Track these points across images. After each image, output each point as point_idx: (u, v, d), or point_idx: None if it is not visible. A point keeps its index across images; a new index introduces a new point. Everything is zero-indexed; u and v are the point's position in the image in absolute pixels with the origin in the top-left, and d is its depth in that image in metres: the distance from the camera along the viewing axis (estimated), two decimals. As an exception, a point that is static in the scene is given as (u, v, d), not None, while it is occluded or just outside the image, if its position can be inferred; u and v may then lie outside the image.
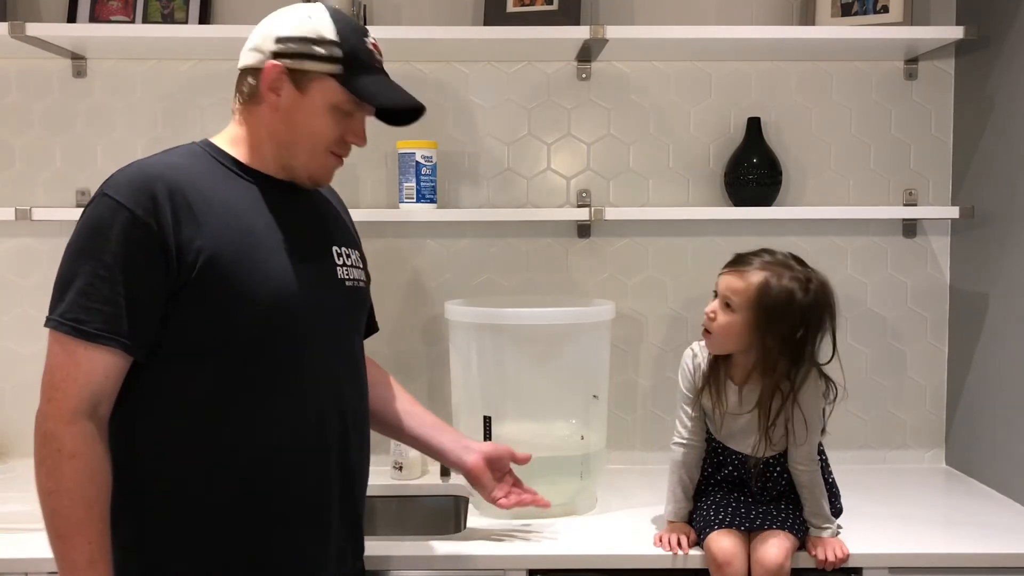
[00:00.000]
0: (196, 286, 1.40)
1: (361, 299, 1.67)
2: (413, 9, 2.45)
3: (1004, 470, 2.26)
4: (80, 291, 1.37)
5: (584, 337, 2.16)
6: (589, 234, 2.50)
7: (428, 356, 2.51)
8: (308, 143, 1.52)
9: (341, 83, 1.49)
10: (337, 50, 1.48)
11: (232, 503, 1.45)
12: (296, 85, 1.49)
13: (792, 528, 1.88)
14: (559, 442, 2.15)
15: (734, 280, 1.85)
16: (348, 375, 1.59)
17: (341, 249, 1.62)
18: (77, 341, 1.37)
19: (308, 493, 1.51)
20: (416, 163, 2.34)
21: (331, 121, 1.52)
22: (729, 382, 1.93)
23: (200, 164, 1.50)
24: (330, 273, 1.58)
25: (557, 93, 2.48)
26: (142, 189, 1.39)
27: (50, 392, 1.38)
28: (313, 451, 1.51)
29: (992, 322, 2.32)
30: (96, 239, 1.38)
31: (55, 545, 1.38)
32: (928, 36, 2.27)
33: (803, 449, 1.90)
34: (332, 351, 1.55)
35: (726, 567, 1.81)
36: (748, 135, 2.42)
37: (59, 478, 1.37)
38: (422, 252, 2.50)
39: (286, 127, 1.52)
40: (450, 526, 2.27)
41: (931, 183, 2.50)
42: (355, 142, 1.57)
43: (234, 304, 1.42)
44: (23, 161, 2.46)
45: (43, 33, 2.19)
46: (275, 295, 1.46)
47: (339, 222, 1.69)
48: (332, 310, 1.56)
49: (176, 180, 1.42)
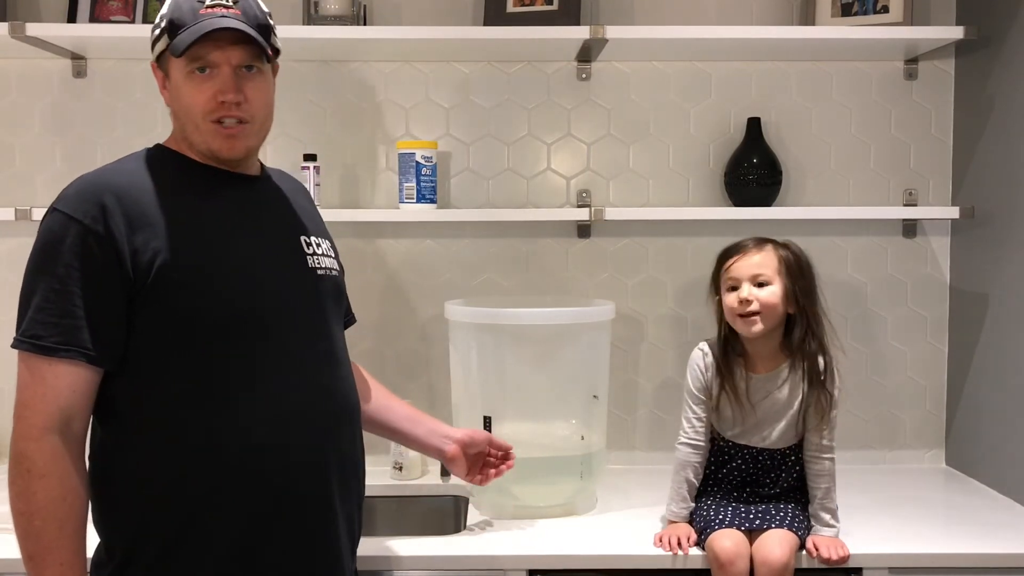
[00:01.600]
0: (156, 290, 1.39)
1: (336, 288, 1.63)
2: (413, 9, 2.44)
3: (1004, 470, 2.26)
4: (37, 307, 1.37)
5: (584, 337, 2.16)
6: (589, 234, 2.50)
7: (428, 356, 2.51)
8: (190, 119, 1.48)
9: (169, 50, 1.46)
10: (164, 21, 1.47)
11: (219, 504, 1.42)
12: (165, 74, 1.50)
13: (794, 527, 1.88)
14: (559, 442, 2.15)
15: (752, 258, 1.93)
16: (330, 366, 1.55)
17: (310, 239, 1.59)
18: (39, 357, 1.36)
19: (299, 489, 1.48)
20: (416, 163, 2.34)
21: (192, 90, 1.46)
22: (748, 374, 1.97)
23: (150, 168, 1.48)
24: (300, 263, 1.54)
25: (557, 93, 2.48)
26: (91, 199, 1.39)
27: (19, 411, 1.37)
28: (300, 445, 1.47)
29: (992, 322, 2.32)
30: (49, 254, 1.38)
31: (28, 566, 1.36)
32: (928, 36, 2.27)
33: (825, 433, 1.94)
34: (309, 342, 1.52)
35: (728, 567, 1.81)
36: (748, 135, 2.42)
37: (29, 499, 1.35)
38: (422, 252, 2.50)
39: (176, 113, 1.50)
40: (450, 526, 2.27)
41: (931, 183, 2.50)
42: (225, 98, 1.45)
43: (198, 304, 1.41)
44: (23, 161, 2.46)
45: (43, 33, 2.19)
46: (241, 291, 1.44)
47: (306, 212, 1.65)
48: (305, 300, 1.53)
49: (126, 186, 1.42)
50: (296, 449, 1.47)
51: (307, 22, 2.32)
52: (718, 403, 1.98)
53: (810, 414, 1.94)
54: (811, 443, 1.96)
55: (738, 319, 1.93)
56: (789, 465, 1.98)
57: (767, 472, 1.99)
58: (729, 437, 2.00)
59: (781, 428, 1.96)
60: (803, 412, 1.95)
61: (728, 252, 1.98)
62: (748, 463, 1.99)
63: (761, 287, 1.91)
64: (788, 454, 1.98)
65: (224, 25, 1.42)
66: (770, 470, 1.99)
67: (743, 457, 1.99)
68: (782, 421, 1.96)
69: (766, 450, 1.98)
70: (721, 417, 2.00)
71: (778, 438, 1.97)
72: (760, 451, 1.98)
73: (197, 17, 1.44)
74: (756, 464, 1.99)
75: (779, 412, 1.96)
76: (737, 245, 1.97)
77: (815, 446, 1.95)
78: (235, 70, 1.46)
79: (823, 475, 1.94)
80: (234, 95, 1.46)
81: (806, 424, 1.96)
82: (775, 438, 1.97)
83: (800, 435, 1.97)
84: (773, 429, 1.97)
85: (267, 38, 1.50)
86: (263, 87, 1.51)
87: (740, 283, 1.92)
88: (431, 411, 2.47)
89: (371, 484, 2.32)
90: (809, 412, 1.94)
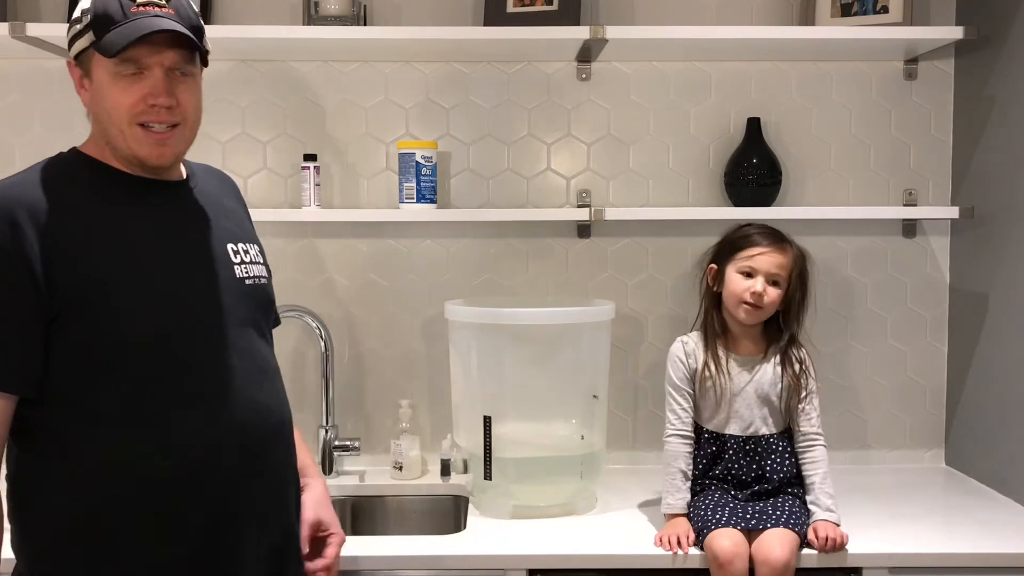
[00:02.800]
0: (74, 311, 1.32)
1: (264, 296, 1.56)
2: (413, 9, 2.44)
3: (1004, 470, 2.26)
4: None
5: (584, 337, 2.16)
6: (589, 234, 2.50)
7: (428, 356, 2.51)
8: (114, 123, 1.39)
9: (97, 49, 1.36)
10: (87, 16, 1.38)
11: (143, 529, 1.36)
12: (85, 72, 1.41)
13: (792, 524, 1.88)
14: (559, 442, 2.15)
15: (779, 257, 2.01)
16: (261, 379, 1.48)
17: (238, 246, 1.51)
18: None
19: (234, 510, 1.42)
20: (416, 163, 2.34)
21: (118, 91, 1.37)
22: (732, 356, 2.03)
23: (67, 177, 1.40)
24: (227, 273, 1.47)
25: (557, 93, 2.48)
26: (1, 216, 1.31)
27: None
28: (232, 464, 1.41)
29: (992, 322, 2.33)
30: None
31: None
32: (928, 36, 2.27)
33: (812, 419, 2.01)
34: (239, 356, 1.44)
35: (727, 566, 1.81)
36: (748, 135, 2.42)
37: None
38: (422, 252, 2.50)
39: (97, 115, 1.42)
40: (450, 526, 2.27)
41: (931, 183, 2.50)
42: (156, 102, 1.38)
43: (119, 326, 1.34)
44: (23, 161, 2.43)
45: (43, 33, 2.19)
46: (158, 308, 1.37)
47: (233, 217, 1.57)
48: (232, 313, 1.45)
49: (37, 200, 1.33)
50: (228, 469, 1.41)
51: (307, 22, 2.32)
52: (702, 385, 2.02)
53: (787, 399, 2.01)
54: (799, 431, 2.01)
55: (741, 304, 2.00)
56: (780, 451, 2.01)
57: (759, 461, 2.00)
58: (714, 428, 2.03)
59: (763, 415, 2.01)
60: (783, 397, 2.01)
61: (750, 240, 2.04)
62: (739, 453, 2.01)
63: (774, 285, 2.00)
64: (776, 441, 2.01)
65: (162, 27, 1.35)
66: (762, 458, 2.00)
67: (732, 448, 2.01)
68: (764, 407, 2.01)
69: (752, 437, 2.01)
70: (705, 402, 2.03)
71: (762, 424, 2.01)
72: (747, 439, 2.01)
73: (128, 15, 1.36)
74: (746, 454, 2.01)
75: (761, 397, 2.01)
76: (762, 234, 2.04)
77: (803, 434, 2.01)
78: (167, 72, 1.39)
79: (817, 461, 1.99)
80: (166, 98, 1.38)
81: (788, 410, 2.01)
82: (759, 424, 2.01)
83: (786, 422, 2.02)
84: (754, 416, 2.01)
85: (200, 39, 1.43)
86: (195, 90, 1.44)
87: (757, 275, 1.99)
88: (431, 411, 2.50)
89: (372, 484, 2.35)
90: (789, 396, 2.01)
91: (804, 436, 2.01)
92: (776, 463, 2.00)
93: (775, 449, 2.01)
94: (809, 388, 2.03)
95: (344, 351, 2.48)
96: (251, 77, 2.43)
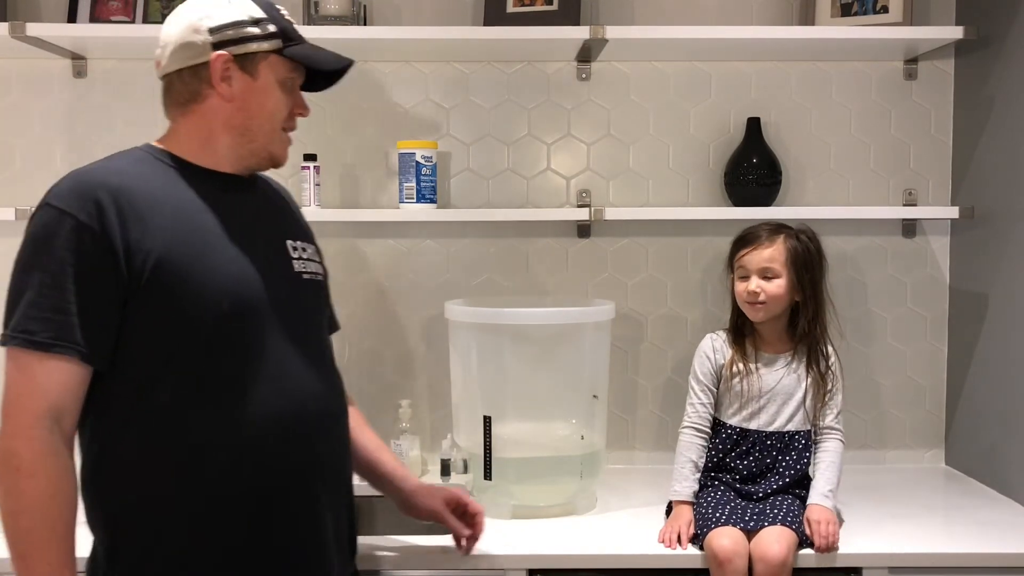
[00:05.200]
0: (148, 290, 1.38)
1: (320, 292, 1.64)
2: (413, 9, 2.45)
3: (1004, 470, 2.26)
4: (29, 303, 1.34)
5: (584, 337, 2.16)
6: (589, 234, 2.50)
7: (428, 356, 2.51)
8: (267, 124, 1.51)
9: (285, 57, 1.50)
10: (271, 26, 1.49)
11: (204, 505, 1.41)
12: (244, 70, 1.48)
13: (790, 522, 1.89)
14: (559, 442, 2.15)
15: (764, 251, 2.02)
16: (312, 369, 1.53)
17: (296, 243, 1.60)
18: (30, 353, 1.34)
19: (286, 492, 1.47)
20: (416, 163, 2.34)
21: (282, 97, 1.52)
22: (760, 354, 2.06)
23: (144, 167, 1.47)
24: (286, 267, 1.55)
25: (557, 93, 2.48)
26: (86, 195, 1.37)
27: (7, 408, 1.35)
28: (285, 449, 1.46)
29: (992, 322, 2.33)
30: (42, 250, 1.36)
31: (16, 564, 1.35)
32: (928, 36, 2.27)
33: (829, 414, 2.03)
34: (293, 346, 1.50)
35: (727, 564, 1.82)
36: (748, 135, 2.42)
37: (19, 497, 1.33)
38: (422, 252, 2.50)
39: (242, 114, 1.49)
40: (450, 526, 2.27)
41: (931, 183, 2.50)
42: (302, 113, 1.57)
43: (189, 305, 1.40)
44: (23, 161, 2.46)
45: (43, 33, 2.19)
46: (229, 293, 1.43)
47: (291, 216, 1.67)
48: (290, 304, 1.52)
49: (120, 184, 1.40)
50: (281, 453, 1.46)
51: (307, 22, 2.32)
52: (729, 383, 2.04)
53: (812, 396, 2.02)
54: (819, 426, 2.04)
55: (746, 305, 2.04)
56: (799, 449, 2.02)
57: (775, 456, 2.02)
58: (737, 423, 2.04)
59: (788, 411, 2.03)
60: (807, 394, 2.03)
61: (742, 241, 2.07)
62: (758, 447, 2.02)
63: (769, 279, 2.00)
64: (797, 438, 2.02)
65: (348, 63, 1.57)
66: (780, 453, 2.02)
67: (751, 442, 2.03)
68: (789, 404, 2.03)
69: (775, 433, 2.03)
70: (731, 397, 2.05)
71: (786, 421, 2.03)
72: (768, 435, 2.03)
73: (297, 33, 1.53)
74: (765, 448, 2.02)
75: (786, 394, 2.03)
76: (751, 235, 2.06)
77: (820, 427, 2.04)
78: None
79: (827, 452, 2.02)
80: (308, 112, 1.58)
81: (812, 407, 2.03)
82: (782, 421, 2.03)
83: (809, 420, 2.04)
84: (780, 412, 2.03)
85: None
86: None
87: (750, 275, 2.01)
88: (431, 411, 2.50)
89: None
90: (811, 394, 2.02)
91: (821, 429, 2.04)
92: (792, 459, 2.02)
93: (795, 446, 2.03)
94: (834, 385, 2.04)
95: (344, 351, 2.48)
96: (251, 77, 2.44)
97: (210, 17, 1.47)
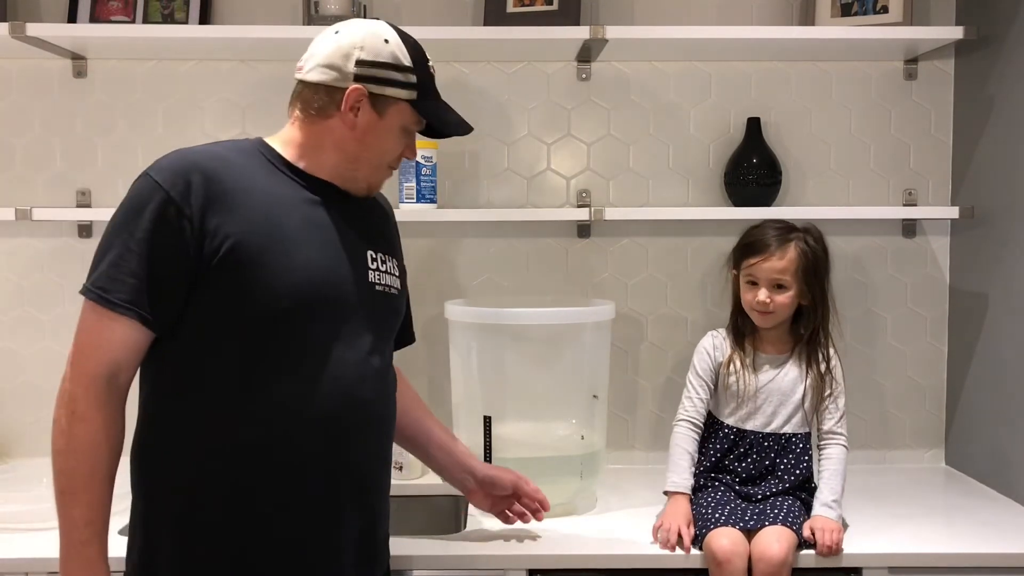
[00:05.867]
0: (219, 271, 1.45)
1: (391, 305, 1.67)
2: (413, 9, 2.44)
3: (1004, 470, 2.26)
4: (111, 263, 1.44)
5: (584, 337, 2.16)
6: (589, 234, 2.50)
7: (428, 356, 2.51)
8: (376, 159, 1.60)
9: (416, 109, 1.58)
10: (412, 76, 1.56)
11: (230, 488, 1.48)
12: (375, 107, 1.55)
13: (790, 523, 1.89)
14: (559, 442, 2.15)
15: (776, 263, 1.99)
16: (368, 377, 1.57)
17: (377, 254, 1.64)
18: (102, 309, 1.43)
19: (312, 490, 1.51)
20: (416, 163, 2.34)
21: (399, 141, 1.60)
22: (758, 354, 2.04)
23: (245, 157, 1.55)
24: (361, 275, 1.59)
25: (557, 93, 2.48)
26: (180, 173, 1.46)
27: (74, 355, 1.45)
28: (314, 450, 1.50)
29: (992, 322, 2.33)
30: (132, 215, 1.45)
31: (58, 500, 1.44)
32: (928, 36, 2.27)
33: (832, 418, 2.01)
34: (350, 351, 1.54)
35: (726, 565, 1.81)
36: (748, 135, 2.42)
37: (69, 438, 1.43)
38: (422, 252, 2.50)
39: (358, 144, 1.57)
40: (450, 526, 2.27)
41: (931, 183, 2.50)
42: (410, 157, 1.65)
43: (251, 294, 1.46)
44: (23, 161, 2.46)
45: (43, 33, 2.19)
46: (293, 290, 1.48)
47: (382, 229, 1.72)
48: (357, 311, 1.56)
49: (215, 169, 1.48)
50: (311, 453, 1.50)
51: (307, 22, 2.32)
52: (725, 380, 2.03)
53: (811, 398, 2.01)
54: (820, 429, 2.03)
55: (754, 312, 2.02)
56: (798, 452, 2.01)
57: (774, 459, 2.01)
58: (734, 423, 2.03)
59: (786, 412, 2.02)
60: (806, 396, 2.02)
61: (751, 248, 2.03)
62: (755, 448, 2.02)
63: (779, 290, 1.99)
64: (797, 441, 2.02)
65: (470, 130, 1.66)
66: (778, 456, 2.01)
67: (750, 442, 2.02)
68: (787, 405, 2.02)
69: (772, 435, 2.02)
70: (728, 395, 2.04)
71: (784, 422, 2.02)
72: (766, 436, 2.02)
73: (435, 84, 1.62)
74: (763, 449, 2.02)
75: (784, 395, 2.02)
76: (760, 242, 2.02)
77: (823, 432, 2.02)
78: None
79: (831, 458, 2.00)
80: (416, 157, 1.69)
81: (812, 410, 2.02)
82: (780, 422, 2.02)
83: (808, 422, 2.03)
84: (777, 413, 2.02)
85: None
86: None
87: (760, 284, 2.00)
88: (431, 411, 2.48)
89: (371, 484, 2.34)
90: (810, 396, 2.01)
91: (823, 434, 2.03)
92: (791, 462, 2.01)
93: (793, 449, 2.02)
94: (834, 388, 2.03)
95: (344, 351, 2.48)
96: (251, 77, 2.44)
97: (363, 50, 1.54)
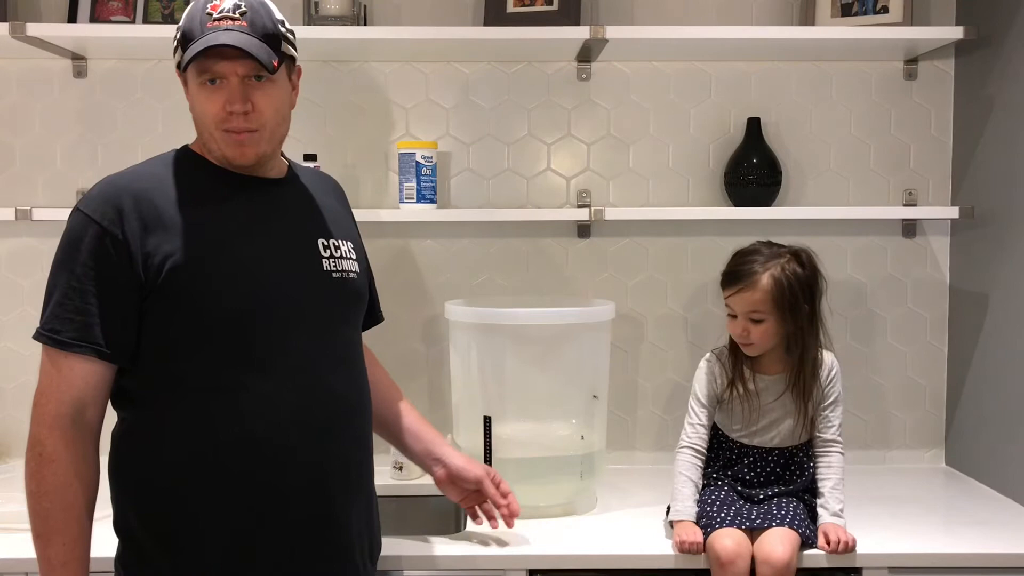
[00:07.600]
0: (166, 290, 1.45)
1: (352, 289, 1.65)
2: (413, 9, 2.44)
3: (1004, 470, 2.26)
4: (57, 303, 1.45)
5: (584, 337, 2.16)
6: (589, 234, 2.50)
7: (428, 356, 2.51)
8: (205, 127, 1.54)
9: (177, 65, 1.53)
10: (178, 33, 1.52)
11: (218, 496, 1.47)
12: (183, 83, 1.55)
13: (795, 524, 1.88)
14: (559, 442, 2.14)
15: (748, 296, 1.93)
16: (338, 368, 1.58)
17: (328, 241, 1.62)
18: (55, 351, 1.45)
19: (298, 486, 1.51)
20: (416, 163, 2.34)
21: (204, 100, 1.51)
22: (757, 375, 2.00)
23: (170, 170, 1.54)
24: (314, 265, 1.58)
25: (557, 93, 2.48)
26: (109, 201, 1.46)
27: (37, 398, 1.47)
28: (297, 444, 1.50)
29: (992, 322, 2.33)
30: (70, 252, 1.46)
31: (36, 543, 1.46)
32: (928, 36, 2.27)
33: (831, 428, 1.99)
34: (317, 344, 1.55)
35: (729, 566, 1.81)
36: (748, 135, 2.42)
37: (40, 481, 1.44)
38: (422, 252, 2.50)
39: (195, 120, 1.56)
40: (450, 526, 2.27)
41: (931, 183, 2.50)
42: (232, 108, 1.49)
43: (202, 306, 1.46)
44: (23, 161, 2.46)
45: (43, 33, 2.19)
46: (246, 294, 1.48)
47: (330, 213, 1.68)
48: (315, 304, 1.56)
49: (144, 189, 1.48)
50: (293, 448, 1.50)
51: (307, 22, 2.32)
52: (730, 404, 2.01)
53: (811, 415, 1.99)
54: (819, 437, 2.00)
55: (738, 340, 1.98)
56: (799, 462, 2.01)
57: (778, 472, 2.01)
58: (737, 438, 2.02)
59: (788, 427, 2.00)
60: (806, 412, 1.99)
61: (728, 278, 1.98)
62: (760, 462, 2.01)
63: (756, 323, 1.94)
64: (796, 452, 2.01)
65: (222, 42, 1.45)
66: (783, 469, 2.01)
67: (752, 457, 2.02)
68: (788, 422, 2.00)
69: (775, 449, 2.01)
70: (732, 417, 2.02)
71: (786, 437, 2.00)
72: (769, 451, 2.01)
73: (204, 30, 1.47)
74: (766, 464, 2.01)
75: (785, 413, 2.00)
76: (736, 273, 1.96)
77: (822, 440, 2.00)
78: (243, 80, 1.49)
79: (832, 467, 1.98)
80: (240, 105, 1.49)
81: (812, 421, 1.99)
82: (783, 437, 2.00)
83: (809, 434, 2.01)
84: (780, 431, 2.00)
85: (276, 47, 1.51)
86: (272, 94, 1.52)
87: (738, 316, 1.96)
88: (431, 411, 2.49)
89: (371, 484, 2.34)
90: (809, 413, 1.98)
91: (822, 442, 2.00)
92: (795, 473, 2.01)
93: (797, 461, 2.01)
94: (834, 398, 2.00)
95: (344, 351, 2.48)
96: (251, 77, 2.44)
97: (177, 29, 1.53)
